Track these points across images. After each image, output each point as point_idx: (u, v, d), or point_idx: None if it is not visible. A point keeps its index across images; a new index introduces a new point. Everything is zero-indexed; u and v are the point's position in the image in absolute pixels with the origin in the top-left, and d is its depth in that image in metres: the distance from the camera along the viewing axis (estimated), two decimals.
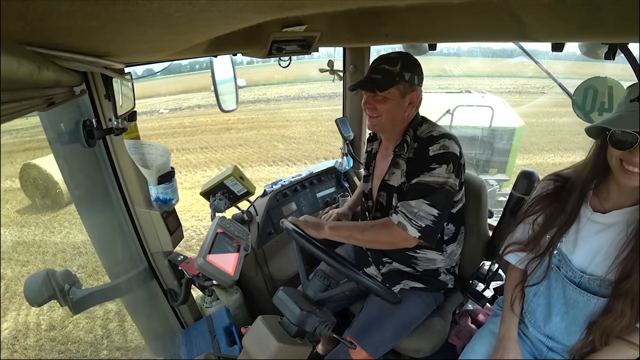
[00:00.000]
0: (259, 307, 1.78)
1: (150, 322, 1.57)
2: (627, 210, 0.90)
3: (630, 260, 0.87)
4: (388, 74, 1.15)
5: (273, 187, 1.90)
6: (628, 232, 0.88)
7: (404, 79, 1.16)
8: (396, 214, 1.13)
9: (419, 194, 1.11)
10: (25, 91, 0.43)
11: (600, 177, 0.95)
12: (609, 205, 0.94)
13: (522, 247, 1.08)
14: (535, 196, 1.08)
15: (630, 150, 0.80)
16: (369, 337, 1.24)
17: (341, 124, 2.05)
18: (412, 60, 1.19)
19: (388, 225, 1.14)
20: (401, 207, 1.13)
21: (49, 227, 5.41)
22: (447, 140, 1.14)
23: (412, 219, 1.10)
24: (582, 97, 1.33)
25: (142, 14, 0.34)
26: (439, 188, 1.11)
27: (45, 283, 1.10)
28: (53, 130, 1.08)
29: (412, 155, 1.20)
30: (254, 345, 0.90)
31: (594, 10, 0.69)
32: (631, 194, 0.90)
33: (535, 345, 1.11)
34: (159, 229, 1.27)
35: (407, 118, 1.24)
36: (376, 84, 1.16)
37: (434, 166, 1.12)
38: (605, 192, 0.95)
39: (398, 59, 1.17)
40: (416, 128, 1.23)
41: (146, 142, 1.15)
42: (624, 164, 0.83)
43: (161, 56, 1.06)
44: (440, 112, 5.78)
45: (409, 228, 1.10)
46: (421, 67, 1.20)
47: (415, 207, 1.10)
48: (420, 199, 1.10)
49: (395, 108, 1.19)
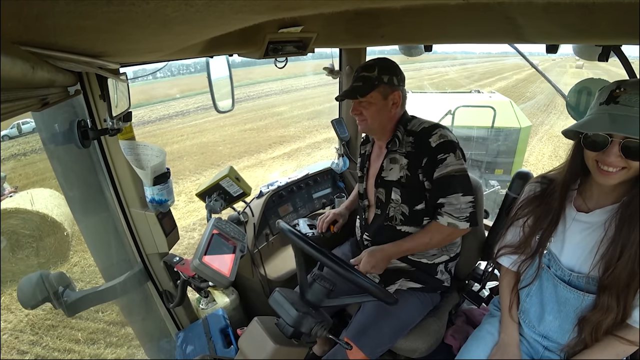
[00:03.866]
0: (255, 309, 1.78)
1: (146, 323, 1.56)
2: (609, 208, 0.93)
3: (609, 254, 0.89)
4: (367, 80, 1.23)
5: (269, 188, 1.90)
6: (605, 228, 0.91)
7: (382, 81, 1.23)
8: (442, 216, 1.19)
9: (451, 190, 1.18)
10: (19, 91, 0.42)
11: (582, 178, 0.98)
12: (591, 205, 0.97)
13: (513, 250, 1.11)
14: (523, 199, 1.11)
15: (604, 151, 0.84)
16: (365, 337, 1.24)
17: (337, 124, 2.06)
18: (389, 63, 1.26)
19: (442, 230, 1.21)
20: (445, 208, 1.19)
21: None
22: (441, 129, 1.22)
23: (457, 216, 1.18)
24: (575, 99, 1.35)
25: (137, 14, 0.34)
26: (460, 175, 1.18)
27: (39, 285, 1.09)
28: (47, 131, 1.07)
29: (412, 148, 1.25)
30: (250, 346, 0.89)
31: (587, 13, 0.70)
32: (612, 193, 0.93)
33: (532, 345, 1.11)
34: (155, 230, 1.26)
35: (395, 117, 1.30)
36: (357, 91, 1.24)
37: (442, 157, 1.18)
38: (587, 192, 0.98)
39: (375, 64, 1.24)
40: (406, 124, 1.29)
41: (141, 143, 1.14)
42: (599, 164, 0.86)
43: (157, 56, 1.06)
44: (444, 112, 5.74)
45: (459, 224, 1.18)
46: (399, 68, 1.26)
47: (455, 202, 1.18)
48: (454, 194, 1.17)
49: (380, 110, 1.26)
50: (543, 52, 1.12)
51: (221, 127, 12.32)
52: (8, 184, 5.80)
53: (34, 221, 4.44)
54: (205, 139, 11.47)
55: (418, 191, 1.25)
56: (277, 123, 13.63)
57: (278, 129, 12.76)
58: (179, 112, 16.55)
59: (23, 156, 8.59)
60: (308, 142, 11.02)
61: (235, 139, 11.48)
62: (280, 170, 8.75)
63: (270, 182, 1.96)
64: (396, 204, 1.28)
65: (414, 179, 1.24)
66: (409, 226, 1.29)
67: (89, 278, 4.26)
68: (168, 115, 16.32)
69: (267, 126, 13.20)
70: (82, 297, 1.18)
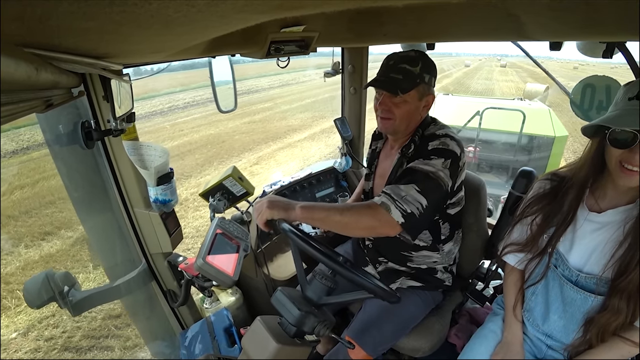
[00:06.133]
0: (259, 308, 1.78)
1: (150, 323, 1.57)
2: (623, 209, 0.91)
3: (626, 258, 0.87)
4: (409, 75, 1.10)
5: (272, 187, 1.90)
6: (625, 230, 0.89)
7: (424, 80, 1.12)
8: (379, 196, 1.05)
9: (410, 179, 1.05)
10: (23, 93, 0.42)
11: (596, 177, 0.95)
12: (604, 205, 0.94)
13: (520, 248, 1.08)
14: (532, 196, 1.08)
15: (631, 149, 0.80)
16: (367, 336, 1.24)
17: (340, 124, 2.05)
18: (431, 61, 1.15)
19: (371, 207, 1.03)
20: (388, 189, 1.04)
21: None
22: (448, 139, 1.11)
23: (397, 200, 1.01)
24: (580, 96, 1.33)
25: (140, 15, 0.34)
26: (431, 177, 1.04)
27: (44, 285, 1.10)
28: (51, 132, 1.08)
29: (413, 151, 1.18)
30: (253, 346, 0.90)
31: (591, 9, 0.69)
32: (626, 193, 0.91)
33: (535, 344, 1.11)
34: (158, 230, 1.27)
35: (420, 120, 1.21)
36: (398, 85, 1.10)
37: (430, 157, 1.08)
38: (600, 192, 0.96)
39: (418, 59, 1.11)
40: (425, 128, 1.20)
41: (145, 143, 1.15)
42: (623, 163, 0.83)
43: (159, 57, 1.06)
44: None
45: (392, 210, 1.00)
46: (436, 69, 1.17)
47: (404, 190, 1.02)
48: (411, 184, 1.03)
49: (412, 111, 1.15)
50: (491, 52, 1.10)
51: (219, 122, 12.42)
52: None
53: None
54: (212, 131, 11.65)
55: None
56: (277, 115, 13.93)
57: (280, 120, 13.03)
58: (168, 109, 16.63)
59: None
60: (322, 128, 11.28)
61: (246, 130, 11.69)
62: (315, 148, 9.17)
63: (273, 182, 1.96)
64: None
65: None
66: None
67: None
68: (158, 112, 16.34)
69: (267, 118, 13.47)
70: (87, 296, 1.19)
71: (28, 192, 5.87)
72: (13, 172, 6.70)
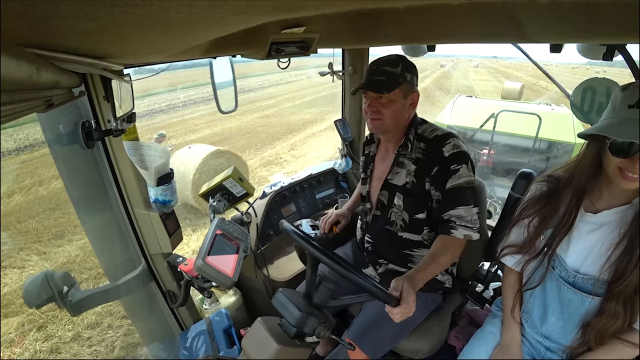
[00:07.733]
0: (259, 309, 1.78)
1: (149, 323, 1.57)
2: (618, 209, 0.91)
3: (622, 262, 0.87)
4: (392, 76, 1.16)
5: (272, 188, 1.90)
6: (620, 233, 0.89)
7: (406, 79, 1.18)
8: (456, 230, 1.14)
9: (464, 201, 1.15)
10: (24, 92, 0.42)
11: (592, 178, 0.95)
12: (600, 205, 0.95)
13: (517, 250, 1.09)
14: (529, 198, 1.08)
15: (632, 158, 0.80)
16: (367, 338, 1.24)
17: (340, 125, 2.06)
18: (410, 62, 1.21)
19: (460, 243, 1.16)
20: (457, 221, 1.14)
21: None
22: (454, 139, 1.18)
23: (472, 227, 1.15)
24: (580, 98, 1.34)
25: (141, 15, 0.34)
26: (471, 187, 1.16)
27: (43, 285, 1.10)
28: (52, 132, 1.08)
29: (422, 155, 1.21)
30: (253, 347, 0.90)
31: (592, 11, 0.69)
32: (621, 194, 0.91)
33: (533, 346, 1.11)
34: (158, 231, 1.27)
35: (408, 118, 1.26)
36: (382, 85, 1.16)
37: (455, 167, 1.15)
38: (596, 193, 0.96)
39: (399, 61, 1.18)
40: (417, 127, 1.25)
41: (145, 144, 1.15)
42: (623, 170, 0.82)
43: (160, 57, 1.06)
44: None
45: (473, 235, 1.15)
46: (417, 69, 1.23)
47: (468, 214, 1.14)
48: (465, 206, 1.15)
49: (399, 110, 1.20)
50: (461, 54, 1.10)
51: (230, 117, 12.55)
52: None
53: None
54: (230, 125, 11.88)
55: (421, 199, 1.22)
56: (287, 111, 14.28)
57: (292, 115, 13.45)
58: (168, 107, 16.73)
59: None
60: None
61: (264, 124, 12.02)
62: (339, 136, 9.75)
63: (274, 183, 1.96)
64: (398, 209, 1.27)
65: (420, 187, 1.21)
66: (409, 233, 1.28)
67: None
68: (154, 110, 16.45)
69: (278, 113, 13.84)
70: (87, 296, 1.19)
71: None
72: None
